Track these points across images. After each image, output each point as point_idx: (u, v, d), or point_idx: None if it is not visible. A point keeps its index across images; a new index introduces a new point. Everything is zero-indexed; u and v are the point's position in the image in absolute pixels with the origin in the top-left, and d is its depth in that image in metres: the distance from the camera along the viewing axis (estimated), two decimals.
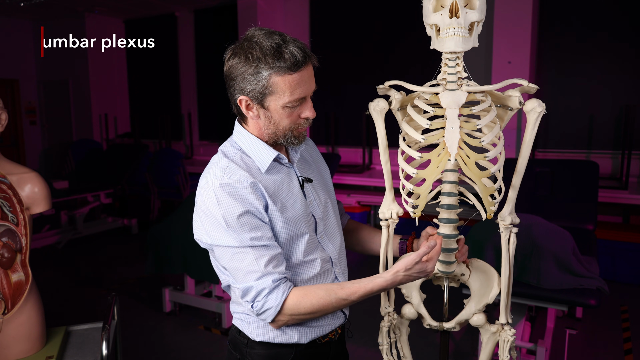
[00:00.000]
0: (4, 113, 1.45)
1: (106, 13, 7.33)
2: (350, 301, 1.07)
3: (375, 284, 1.06)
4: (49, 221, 5.48)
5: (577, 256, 2.24)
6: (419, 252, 1.04)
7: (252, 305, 1.05)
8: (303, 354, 1.16)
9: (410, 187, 1.16)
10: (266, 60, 1.00)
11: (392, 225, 1.24)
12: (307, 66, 1.05)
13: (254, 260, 1.03)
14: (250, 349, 1.16)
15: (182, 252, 3.18)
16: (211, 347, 3.01)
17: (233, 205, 1.02)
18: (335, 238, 1.22)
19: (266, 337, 1.14)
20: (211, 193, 1.04)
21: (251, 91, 1.04)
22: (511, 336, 1.19)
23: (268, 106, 1.06)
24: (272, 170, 1.12)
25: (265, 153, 1.11)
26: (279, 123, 1.08)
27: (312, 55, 1.06)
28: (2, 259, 1.36)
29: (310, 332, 1.16)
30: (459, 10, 1.03)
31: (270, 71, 1.01)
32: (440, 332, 1.31)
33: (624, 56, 4.42)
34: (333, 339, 1.21)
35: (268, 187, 1.09)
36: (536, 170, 3.37)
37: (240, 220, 1.02)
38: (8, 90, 7.78)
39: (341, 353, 1.28)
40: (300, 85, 1.04)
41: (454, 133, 1.05)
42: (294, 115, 1.08)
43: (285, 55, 1.00)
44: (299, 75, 1.03)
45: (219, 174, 1.06)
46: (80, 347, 1.57)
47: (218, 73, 6.88)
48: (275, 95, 1.04)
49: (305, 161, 1.25)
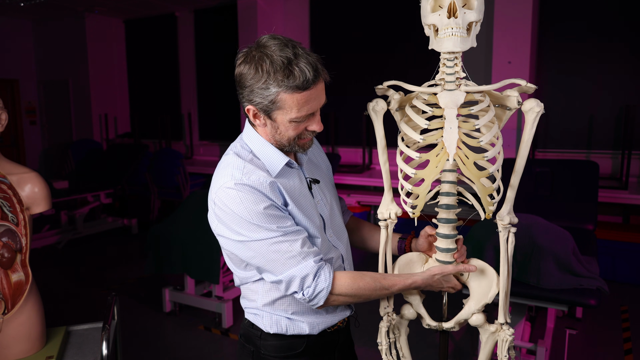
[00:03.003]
0: (4, 113, 1.45)
1: (106, 13, 7.33)
2: (389, 292, 1.15)
3: (413, 281, 1.15)
4: (49, 221, 5.49)
5: (577, 256, 2.24)
6: (458, 267, 1.17)
7: (303, 293, 1.07)
8: (314, 343, 1.21)
9: (409, 187, 1.16)
10: (275, 77, 0.99)
11: (391, 225, 1.24)
12: (318, 84, 1.04)
13: (289, 246, 1.05)
14: (263, 341, 1.19)
15: (182, 252, 3.19)
16: (211, 347, 3.01)
17: (256, 201, 1.04)
18: (342, 236, 1.26)
19: (279, 329, 1.18)
20: (232, 192, 1.04)
21: (259, 103, 1.04)
22: (510, 336, 1.19)
23: (275, 118, 1.06)
24: (282, 174, 1.12)
25: (277, 158, 1.11)
26: (284, 134, 1.09)
27: (323, 71, 1.04)
28: (2, 259, 1.36)
29: (321, 323, 1.20)
30: (457, 11, 1.03)
31: (279, 89, 1.00)
32: (439, 332, 1.31)
33: (624, 56, 4.42)
34: (341, 327, 1.27)
35: (284, 188, 1.11)
36: (536, 170, 3.37)
37: (265, 213, 1.04)
38: (8, 90, 7.78)
39: (347, 340, 1.33)
40: (308, 103, 1.03)
41: (452, 133, 1.05)
42: (300, 128, 1.08)
43: (295, 72, 0.99)
44: (308, 94, 1.02)
45: (237, 175, 1.06)
46: (80, 347, 1.57)
47: (218, 73, 6.92)
48: (282, 110, 1.04)
49: (311, 162, 1.27)
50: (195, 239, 3.16)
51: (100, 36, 7.55)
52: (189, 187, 5.74)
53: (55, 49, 7.75)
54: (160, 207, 6.16)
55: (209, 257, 3.08)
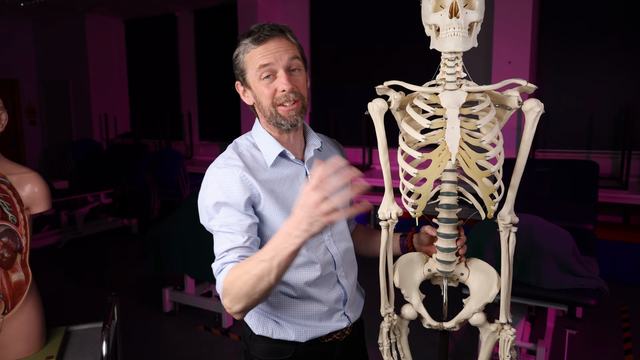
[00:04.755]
0: (4, 113, 1.45)
1: (106, 13, 7.33)
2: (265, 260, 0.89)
3: (280, 230, 0.90)
4: (49, 221, 5.49)
5: (577, 256, 2.24)
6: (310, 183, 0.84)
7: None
8: (304, 351, 1.16)
9: (411, 187, 1.16)
10: (239, 43, 1.11)
11: (391, 225, 1.24)
12: (275, 38, 1.08)
13: (219, 244, 1.06)
14: (253, 342, 1.18)
15: (182, 252, 3.19)
16: (211, 347, 3.01)
17: (216, 193, 1.08)
18: (341, 242, 1.23)
19: (265, 332, 1.16)
20: (207, 176, 1.13)
21: (237, 75, 1.14)
22: (511, 335, 1.19)
23: (249, 84, 1.13)
24: (278, 165, 1.15)
25: (272, 148, 1.15)
26: (261, 101, 1.12)
27: (285, 29, 1.11)
28: (2, 259, 1.36)
29: (309, 332, 1.16)
30: (459, 10, 1.02)
31: (241, 50, 1.11)
32: (439, 332, 1.31)
33: (624, 56, 4.42)
34: (338, 340, 1.22)
35: (268, 181, 1.12)
36: (536, 170, 3.37)
37: (215, 207, 1.08)
38: (8, 90, 7.78)
39: (353, 354, 1.28)
40: (264, 56, 1.08)
41: (454, 133, 1.05)
42: (271, 89, 1.10)
43: (252, 32, 1.09)
44: (264, 47, 1.08)
45: (219, 162, 1.13)
46: (80, 347, 1.57)
47: (218, 73, 6.92)
48: (249, 71, 1.11)
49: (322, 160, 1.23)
50: (195, 239, 3.16)
51: (100, 36, 7.55)
52: (189, 187, 5.74)
53: (55, 49, 7.75)
54: (160, 207, 6.16)
55: (209, 257, 3.06)
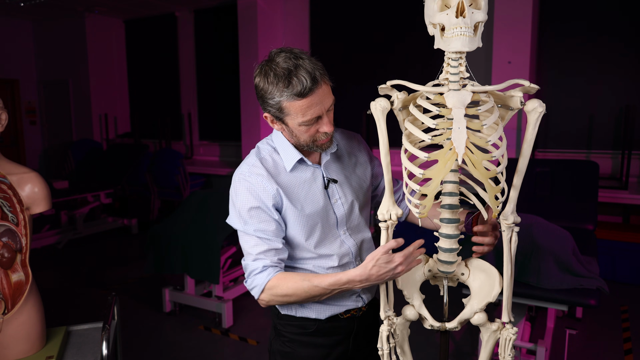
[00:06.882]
0: (4, 113, 1.45)
1: (106, 13, 7.32)
2: (322, 287, 1.14)
3: (347, 275, 1.13)
4: (49, 221, 5.49)
5: (577, 256, 2.24)
6: (384, 245, 1.12)
7: (246, 282, 1.23)
8: (325, 326, 1.32)
9: (417, 188, 1.15)
10: (278, 87, 1.12)
11: (391, 227, 1.23)
12: (318, 89, 1.13)
13: (253, 246, 1.21)
14: (279, 320, 1.36)
15: (182, 252, 3.18)
16: (211, 347, 3.01)
17: (247, 199, 1.21)
18: (358, 234, 1.35)
19: (290, 312, 1.32)
20: (236, 184, 1.24)
21: (271, 111, 1.18)
22: (513, 334, 1.19)
23: (287, 123, 1.19)
24: (296, 170, 1.27)
25: (292, 155, 1.26)
26: (299, 137, 1.21)
27: (323, 76, 1.14)
28: (2, 259, 1.35)
29: (327, 310, 1.31)
30: (465, 10, 1.02)
31: (282, 98, 1.13)
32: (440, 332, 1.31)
33: (624, 56, 4.42)
34: (356, 315, 1.35)
35: (287, 184, 1.24)
36: (536, 170, 3.37)
37: (250, 213, 1.21)
38: (8, 90, 7.78)
39: (371, 328, 1.39)
40: (311, 108, 1.14)
41: (461, 133, 1.04)
42: (312, 130, 1.19)
43: (293, 82, 1.10)
44: (309, 100, 1.12)
45: (244, 171, 1.24)
46: (80, 347, 1.57)
47: (218, 73, 6.91)
48: (290, 116, 1.16)
49: (338, 160, 1.35)
50: (195, 239, 3.15)
51: (100, 36, 7.54)
52: (189, 187, 5.74)
53: (55, 49, 7.74)
54: (160, 207, 6.16)
55: (209, 257, 3.07)
